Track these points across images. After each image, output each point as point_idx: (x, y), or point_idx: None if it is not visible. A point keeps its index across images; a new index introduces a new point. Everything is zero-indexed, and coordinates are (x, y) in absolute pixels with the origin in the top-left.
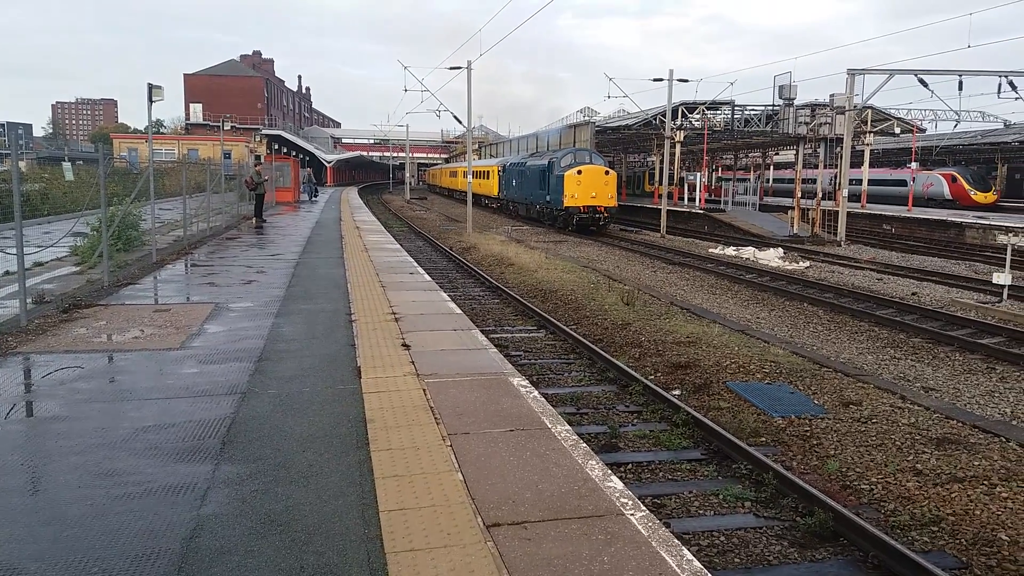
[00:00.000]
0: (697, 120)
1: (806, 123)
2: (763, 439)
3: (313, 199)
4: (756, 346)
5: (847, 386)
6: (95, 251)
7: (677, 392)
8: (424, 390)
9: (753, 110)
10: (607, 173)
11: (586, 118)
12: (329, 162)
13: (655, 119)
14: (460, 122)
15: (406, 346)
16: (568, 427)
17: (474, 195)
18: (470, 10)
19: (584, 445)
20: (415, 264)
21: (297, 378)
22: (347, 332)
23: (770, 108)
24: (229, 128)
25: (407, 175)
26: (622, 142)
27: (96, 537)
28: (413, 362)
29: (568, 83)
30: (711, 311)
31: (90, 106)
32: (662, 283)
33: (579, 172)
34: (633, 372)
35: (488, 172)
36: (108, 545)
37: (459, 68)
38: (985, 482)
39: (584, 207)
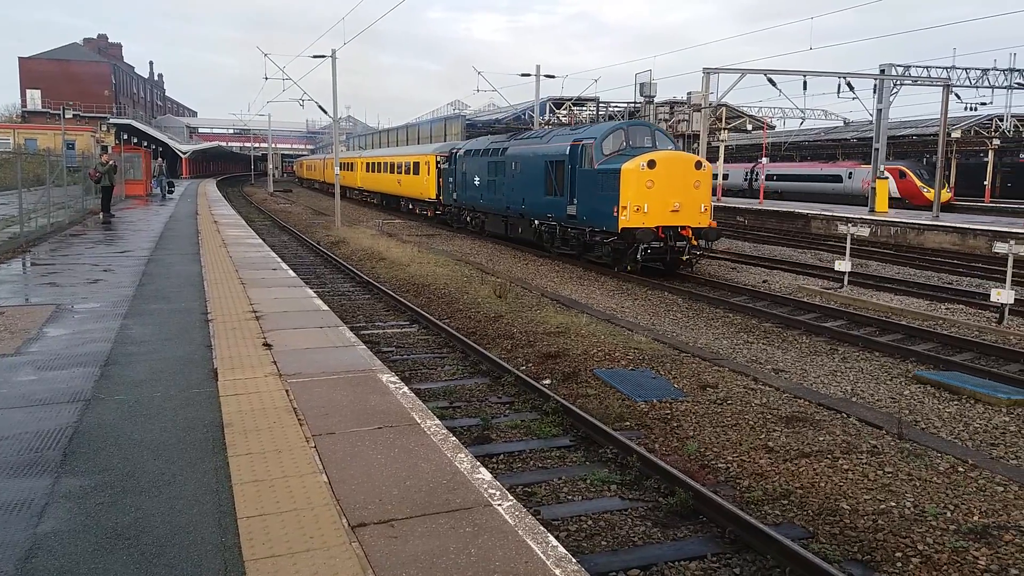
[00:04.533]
0: (564, 115)
1: (665, 119)
2: (628, 423)
3: (167, 194)
4: (621, 334)
5: (704, 370)
6: None
7: (547, 381)
8: (287, 391)
9: (617, 107)
10: (699, 167)
11: (456, 111)
12: (185, 153)
13: (524, 114)
14: (325, 112)
15: (268, 345)
16: (438, 422)
17: (391, 197)
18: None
19: (454, 439)
20: (279, 260)
21: (148, 382)
22: (203, 332)
23: (632, 105)
24: (72, 116)
25: (270, 167)
26: (491, 135)
27: None
28: (275, 362)
29: (438, 76)
30: (580, 302)
31: None
32: (533, 275)
33: (649, 164)
34: (505, 364)
35: (413, 164)
36: None
37: (323, 57)
38: (829, 456)
39: (659, 230)
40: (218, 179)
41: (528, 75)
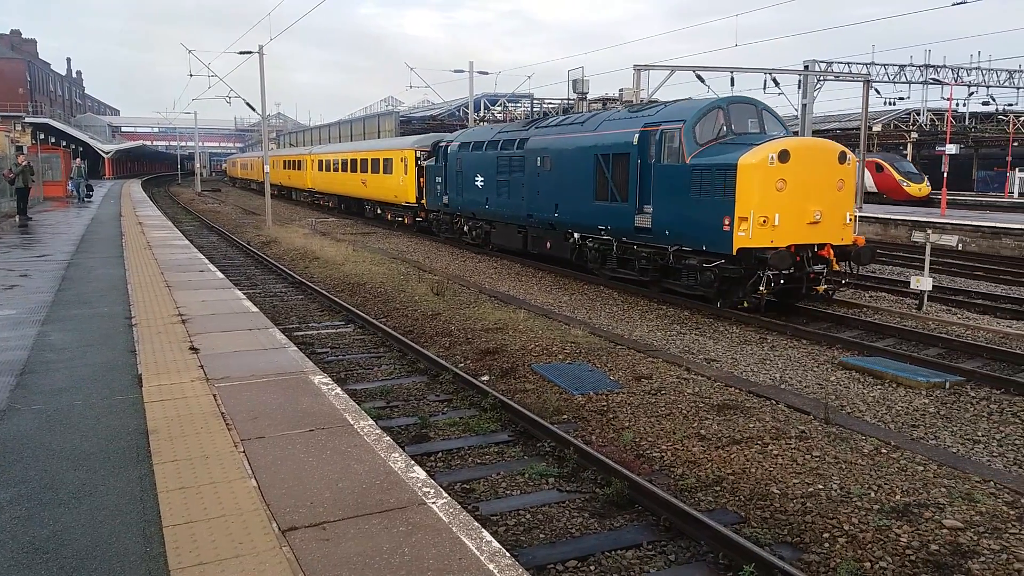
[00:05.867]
0: (499, 112)
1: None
2: (566, 417)
3: (87, 196)
4: (558, 329)
5: (639, 361)
6: None
7: (486, 378)
8: (215, 395)
9: (550, 103)
10: (843, 160)
11: (389, 107)
12: (107, 153)
13: (459, 110)
14: (253, 109)
15: (194, 349)
16: (372, 422)
17: (353, 200)
18: None
19: (388, 439)
20: (206, 261)
21: (68, 391)
22: (127, 337)
23: (566, 101)
24: None
25: (197, 166)
26: (429, 132)
27: None
28: (202, 366)
29: (370, 72)
30: (518, 297)
31: None
32: (471, 272)
33: (781, 157)
34: (443, 361)
35: (384, 161)
36: None
37: (250, 53)
38: (759, 442)
39: (794, 250)
40: (143, 179)
41: (462, 71)
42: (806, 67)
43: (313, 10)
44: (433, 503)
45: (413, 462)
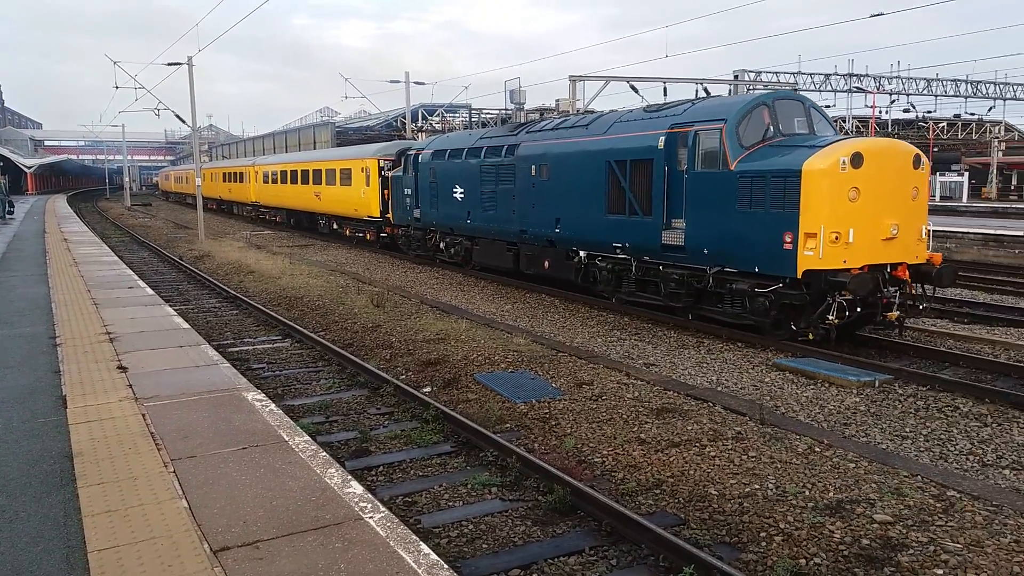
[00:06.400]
0: (437, 122)
1: None
2: (508, 425)
3: (8, 212)
4: (501, 337)
5: (580, 368)
6: None
7: (428, 389)
8: (144, 415)
9: (489, 113)
10: (918, 163)
11: (325, 118)
12: (29, 168)
13: (396, 120)
14: (184, 121)
15: (122, 368)
16: (307, 438)
17: (305, 215)
18: (189, 5)
19: (324, 454)
20: (136, 278)
21: None
22: (51, 358)
23: (503, 112)
24: None
25: (127, 179)
26: (367, 143)
27: None
28: (131, 385)
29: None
30: (460, 307)
31: None
32: (413, 283)
33: (854, 161)
34: (384, 374)
35: (342, 172)
36: None
37: (179, 64)
38: (697, 444)
39: (868, 271)
40: (69, 194)
41: (398, 81)
42: (736, 76)
43: (244, 20)
44: (370, 518)
45: (350, 477)
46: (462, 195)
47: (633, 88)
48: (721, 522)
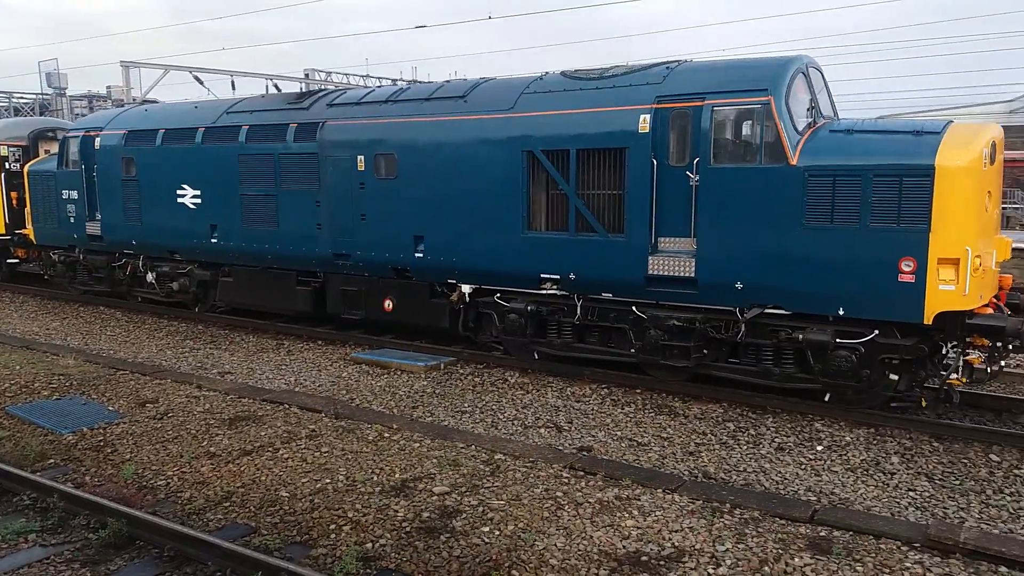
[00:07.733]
0: None
1: (83, 115)
2: (52, 461)
3: None
4: (44, 360)
5: (144, 385)
6: None
7: None
8: None
9: (22, 98)
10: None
11: None
12: None
13: None
14: None
15: None
16: None
17: None
18: None
19: None
20: None
21: None
22: None
23: (41, 96)
24: None
25: None
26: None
27: None
28: None
29: None
30: None
31: None
32: None
33: (992, 153)
34: None
35: None
36: None
37: None
38: (270, 448)
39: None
40: None
41: None
42: (306, 74)
43: None
44: None
45: None
46: (197, 200)
47: (197, 79)
48: (292, 523)
